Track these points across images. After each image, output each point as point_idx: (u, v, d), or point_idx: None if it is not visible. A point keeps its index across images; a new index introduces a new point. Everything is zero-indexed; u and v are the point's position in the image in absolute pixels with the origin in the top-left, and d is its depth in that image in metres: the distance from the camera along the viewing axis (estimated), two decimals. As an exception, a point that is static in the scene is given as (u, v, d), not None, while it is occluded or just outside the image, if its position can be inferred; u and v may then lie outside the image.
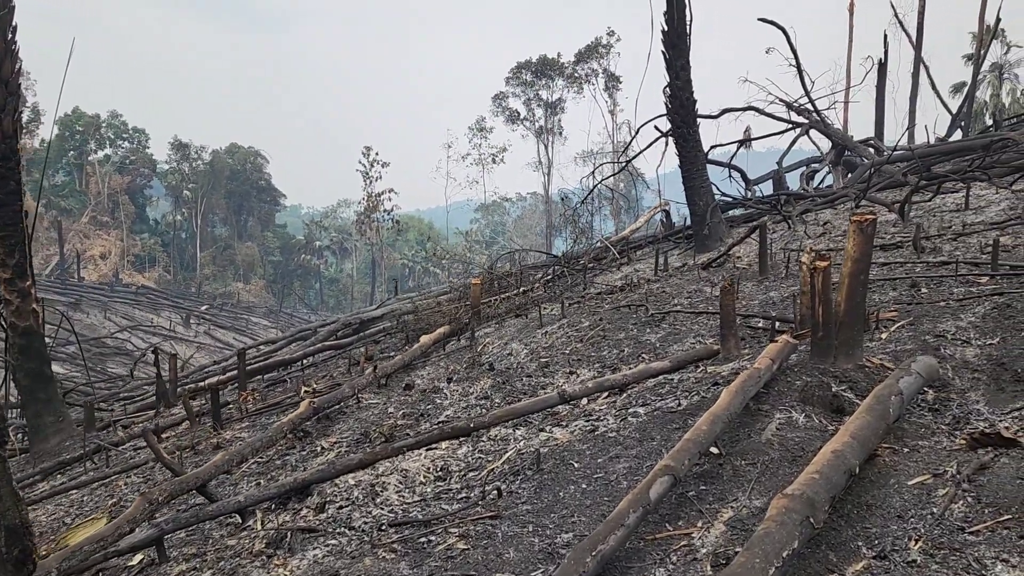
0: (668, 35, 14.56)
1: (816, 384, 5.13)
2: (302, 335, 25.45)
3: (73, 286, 51.49)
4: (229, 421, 9.83)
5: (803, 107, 17.82)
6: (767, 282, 10.27)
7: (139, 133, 79.88)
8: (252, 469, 6.75)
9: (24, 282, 10.40)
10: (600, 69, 55.98)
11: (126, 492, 7.16)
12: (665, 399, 5.86)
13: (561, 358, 8.59)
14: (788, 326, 7.51)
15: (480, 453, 5.64)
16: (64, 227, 69.75)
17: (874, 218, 5.51)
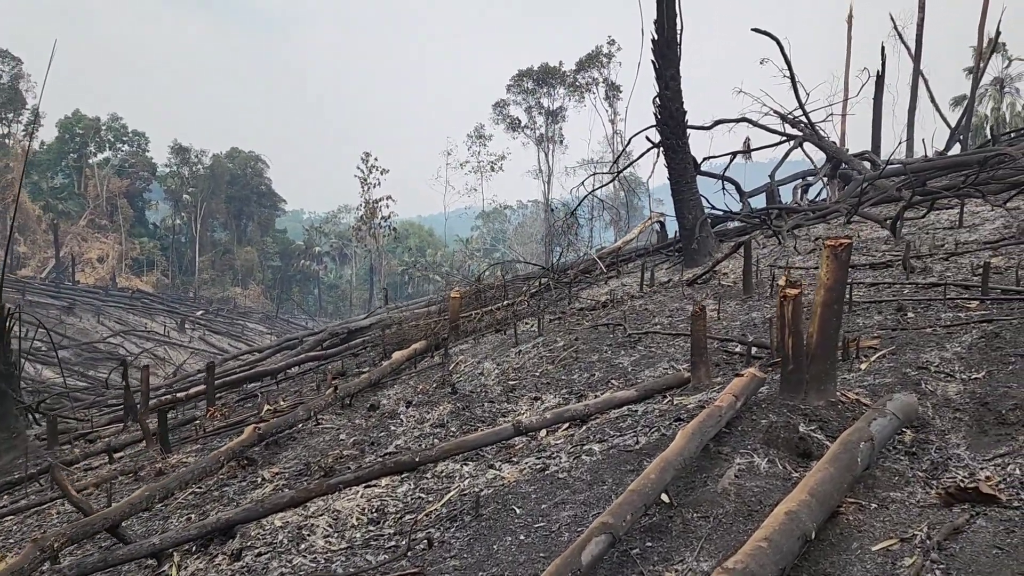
0: (658, 44, 14.17)
1: (782, 424, 4.70)
2: (289, 344, 25.03)
3: (67, 290, 51.13)
4: (186, 441, 9.42)
5: (797, 119, 17.41)
6: (751, 301, 9.85)
7: (139, 136, 79.71)
8: (188, 500, 6.33)
9: (-22, 293, 9.99)
10: (601, 78, 55.73)
11: (57, 522, 6.74)
12: (624, 435, 5.43)
13: (530, 381, 8.17)
14: (765, 351, 7.10)
15: (421, 492, 5.21)
16: (62, 230, 69.53)
17: (849, 243, 5.08)
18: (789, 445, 4.59)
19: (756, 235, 14.72)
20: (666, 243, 16.87)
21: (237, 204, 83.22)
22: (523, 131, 63.69)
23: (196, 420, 11.54)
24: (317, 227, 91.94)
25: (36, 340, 26.49)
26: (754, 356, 7.09)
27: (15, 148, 66.50)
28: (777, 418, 4.88)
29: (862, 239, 12.39)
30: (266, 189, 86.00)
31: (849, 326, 7.50)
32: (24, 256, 67.73)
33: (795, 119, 17.55)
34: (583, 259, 16.97)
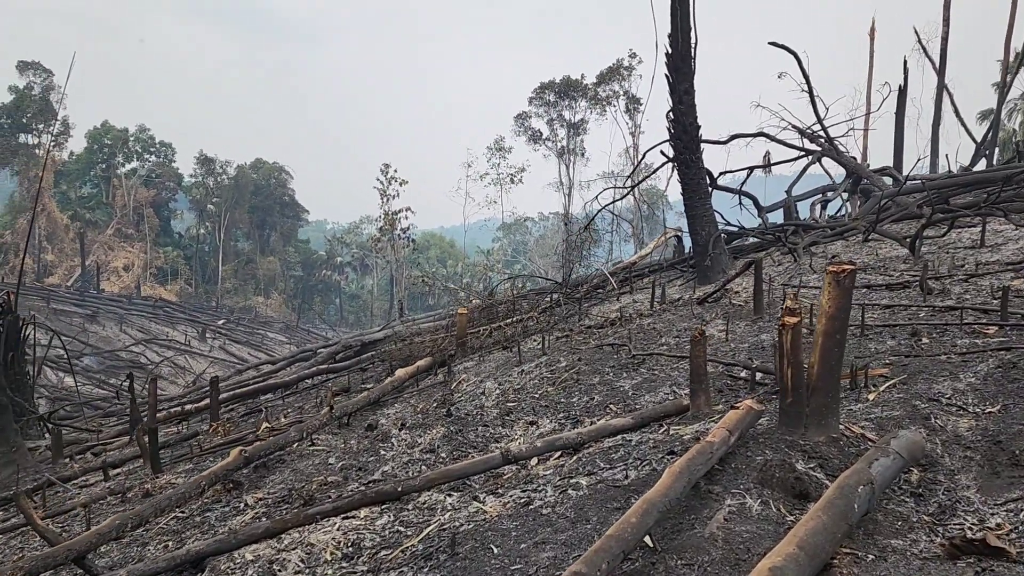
0: (672, 58, 13.96)
1: (777, 463, 4.41)
2: (303, 356, 24.98)
3: (91, 298, 51.63)
4: (182, 459, 9.28)
5: (816, 134, 17.06)
6: (761, 322, 9.55)
7: (166, 147, 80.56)
8: (170, 525, 6.15)
9: (-21, 306, 9.94)
10: (621, 91, 55.40)
11: (38, 545, 6.58)
12: (614, 468, 5.17)
13: (529, 404, 7.93)
14: (770, 378, 6.81)
15: (400, 525, 4.98)
16: (89, 239, 70.38)
17: (853, 269, 4.80)
18: (784, 485, 4.31)
19: (772, 252, 14.41)
20: (680, 259, 16.58)
21: (260, 214, 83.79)
22: (544, 143, 63.52)
23: (199, 435, 11.40)
24: (339, 237, 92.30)
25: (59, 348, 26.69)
26: (758, 382, 6.81)
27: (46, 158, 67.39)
28: (773, 455, 4.61)
29: (880, 257, 12.04)
30: (289, 199, 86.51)
31: (860, 351, 7.20)
32: (52, 264, 68.65)
33: (814, 134, 17.21)
34: (596, 274, 16.71)
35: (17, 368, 15.50)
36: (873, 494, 3.91)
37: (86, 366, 36.80)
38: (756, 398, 5.52)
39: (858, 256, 12.60)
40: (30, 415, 15.40)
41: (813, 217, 17.43)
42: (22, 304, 40.87)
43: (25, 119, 66.94)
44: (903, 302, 9.08)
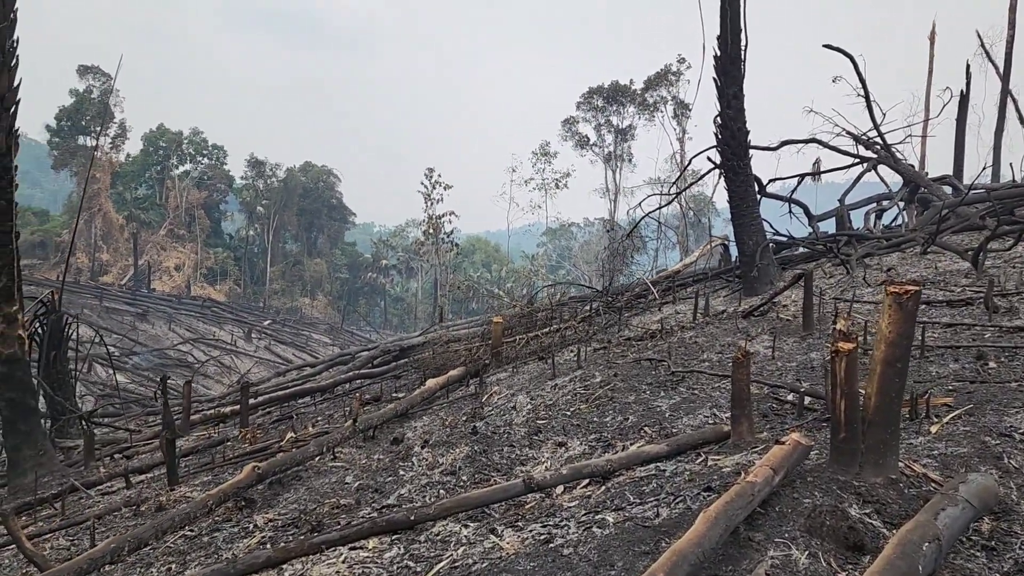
0: (720, 61, 13.42)
1: (828, 508, 3.92)
2: (342, 359, 24.89)
3: (142, 297, 52.61)
4: (204, 469, 9.05)
5: (872, 140, 16.29)
6: (811, 339, 8.97)
7: (218, 150, 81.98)
8: (177, 545, 5.87)
9: (10, 307, 9.90)
10: (669, 96, 54.59)
11: (51, 557, 6.36)
12: (645, 503, 4.72)
13: (559, 422, 7.50)
14: (820, 403, 6.28)
15: (410, 559, 4.60)
16: (143, 239, 71.94)
17: (917, 291, 4.28)
18: (836, 534, 3.81)
19: (823, 263, 13.74)
20: (726, 268, 15.96)
21: (308, 217, 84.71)
22: (591, 149, 62.97)
23: (228, 441, 11.21)
24: (385, 240, 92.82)
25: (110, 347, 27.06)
26: (807, 407, 6.28)
27: (103, 160, 69.11)
28: (823, 498, 4.11)
29: (939, 271, 11.33)
30: (337, 202, 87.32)
31: (920, 375, 6.62)
32: (106, 263, 70.29)
33: (869, 140, 16.44)
34: (637, 283, 16.19)
35: (60, 366, 15.58)
36: (940, 552, 3.40)
37: (135, 364, 37.36)
38: (804, 430, 5.01)
39: (916, 270, 11.90)
40: (70, 414, 15.44)
41: (867, 227, 16.63)
42: (76, 302, 41.86)
43: (84, 122, 68.72)
44: (966, 321, 8.43)
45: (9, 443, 10.13)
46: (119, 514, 7.39)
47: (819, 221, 16.86)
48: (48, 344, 14.88)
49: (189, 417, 14.42)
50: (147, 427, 16.69)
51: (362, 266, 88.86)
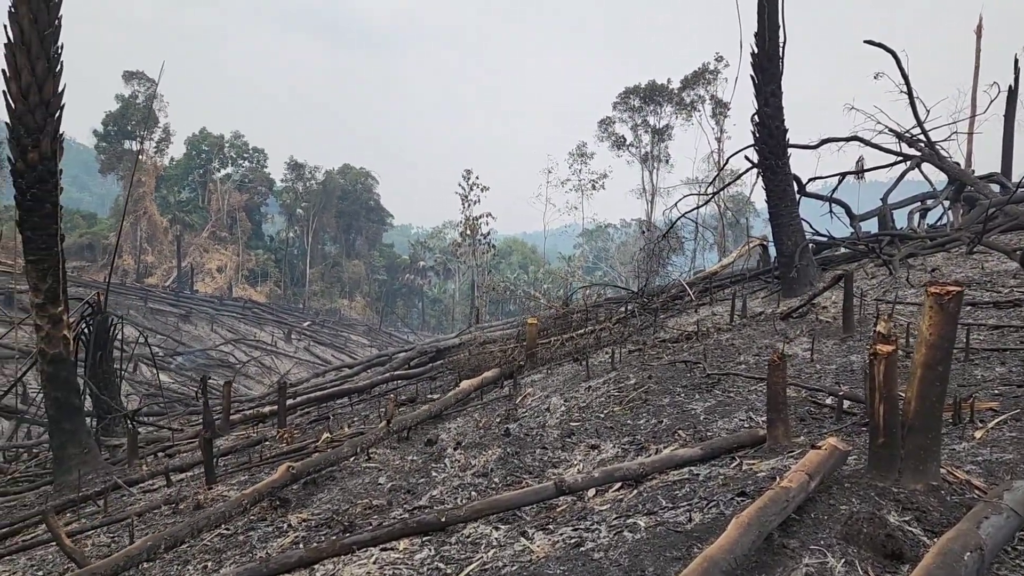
0: (758, 58, 13.23)
1: (866, 515, 3.82)
2: (379, 360, 25.08)
3: (185, 298, 53.56)
4: (241, 468, 9.17)
5: (915, 138, 15.92)
6: (851, 341, 8.79)
7: (258, 153, 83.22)
8: (214, 543, 5.95)
9: (55, 308, 10.14)
10: (707, 95, 54.01)
11: (91, 554, 6.50)
12: (677, 507, 4.66)
13: (593, 424, 7.45)
14: (860, 407, 6.14)
15: (441, 561, 4.59)
16: (186, 241, 73.36)
17: (959, 292, 4.16)
18: (874, 542, 3.72)
19: (865, 264, 13.47)
20: (764, 269, 15.74)
21: (347, 218, 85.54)
22: (628, 149, 62.58)
23: (266, 441, 11.35)
24: (422, 242, 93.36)
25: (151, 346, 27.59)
26: (846, 411, 6.15)
27: (148, 164, 70.61)
28: (861, 505, 4.01)
29: (986, 272, 11.03)
30: (375, 204, 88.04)
31: (964, 379, 6.45)
32: (151, 265, 71.79)
33: (913, 137, 16.06)
34: (674, 284, 16.04)
35: (106, 366, 15.93)
36: (982, 562, 3.29)
37: (179, 364, 38.05)
38: (842, 434, 4.90)
39: (961, 270, 11.60)
40: (115, 413, 15.77)
41: (911, 227, 16.27)
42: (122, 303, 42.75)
43: (129, 126, 70.28)
44: (1014, 322, 8.19)
45: (55, 441, 10.36)
46: (159, 512, 7.52)
47: (861, 221, 16.52)
48: (94, 344, 15.22)
49: (229, 417, 14.63)
50: (189, 426, 16.97)
51: (400, 267, 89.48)
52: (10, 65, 9.81)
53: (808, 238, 13.88)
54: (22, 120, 9.84)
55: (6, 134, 10.23)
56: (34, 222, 9.96)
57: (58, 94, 10.10)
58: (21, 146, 9.85)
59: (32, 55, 9.78)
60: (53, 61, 9.99)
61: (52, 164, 10.03)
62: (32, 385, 22.79)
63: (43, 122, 9.90)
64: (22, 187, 9.95)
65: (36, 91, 9.82)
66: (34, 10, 9.73)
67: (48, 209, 10.03)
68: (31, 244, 10.04)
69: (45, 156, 9.91)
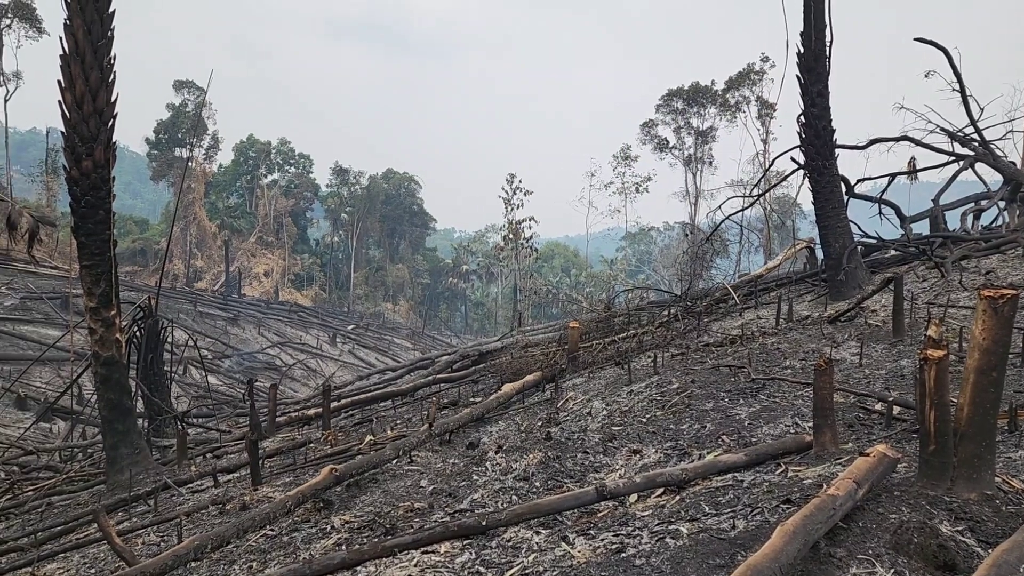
0: (804, 57, 13.02)
1: (917, 524, 3.72)
2: (422, 364, 25.22)
3: (233, 302, 54.48)
4: (286, 470, 9.30)
5: (968, 137, 15.50)
6: (901, 345, 8.58)
7: (304, 159, 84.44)
8: (259, 544, 6.03)
9: (109, 312, 10.39)
10: (752, 96, 53.28)
11: (141, 552, 6.65)
12: (720, 514, 4.59)
13: (635, 428, 7.39)
14: (910, 413, 5.99)
15: (481, 565, 4.59)
16: (234, 246, 74.76)
17: (1014, 295, 4.03)
18: (925, 553, 3.61)
19: (916, 266, 13.15)
20: (811, 272, 15.46)
21: (390, 223, 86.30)
22: (671, 152, 62.07)
23: (311, 443, 11.48)
24: (465, 246, 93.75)
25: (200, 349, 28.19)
26: (896, 417, 6.00)
27: (198, 170, 72.20)
28: (911, 514, 3.90)
29: (1045, 275, 10.68)
30: (418, 208, 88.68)
31: (1020, 385, 6.24)
32: (200, 270, 73.35)
33: (966, 137, 15.64)
34: (717, 287, 15.84)
35: (156, 369, 16.29)
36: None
37: (227, 367, 38.74)
38: (891, 441, 4.78)
39: (1017, 272, 11.25)
40: (166, 414, 16.11)
41: (964, 228, 15.83)
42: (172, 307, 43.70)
43: (180, 134, 71.96)
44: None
45: (108, 442, 10.62)
46: (206, 512, 7.66)
47: (912, 222, 16.13)
48: (146, 347, 15.58)
49: (275, 419, 14.84)
50: (237, 428, 17.26)
51: (443, 271, 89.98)
52: (65, 76, 10.10)
53: (856, 240, 13.60)
54: (76, 129, 10.12)
55: (62, 142, 10.52)
56: (88, 228, 10.22)
57: (111, 103, 10.36)
58: (76, 154, 10.13)
59: (86, 66, 10.05)
60: (106, 71, 10.26)
61: (105, 172, 10.29)
62: (87, 387, 23.50)
63: (96, 131, 10.16)
64: (77, 194, 10.22)
65: (90, 101, 10.09)
66: (88, 22, 10.01)
67: (101, 215, 10.30)
68: (85, 249, 10.31)
69: (99, 164, 10.17)
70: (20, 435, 19.32)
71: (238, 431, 16.08)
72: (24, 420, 22.17)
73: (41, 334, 30.89)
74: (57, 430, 22.80)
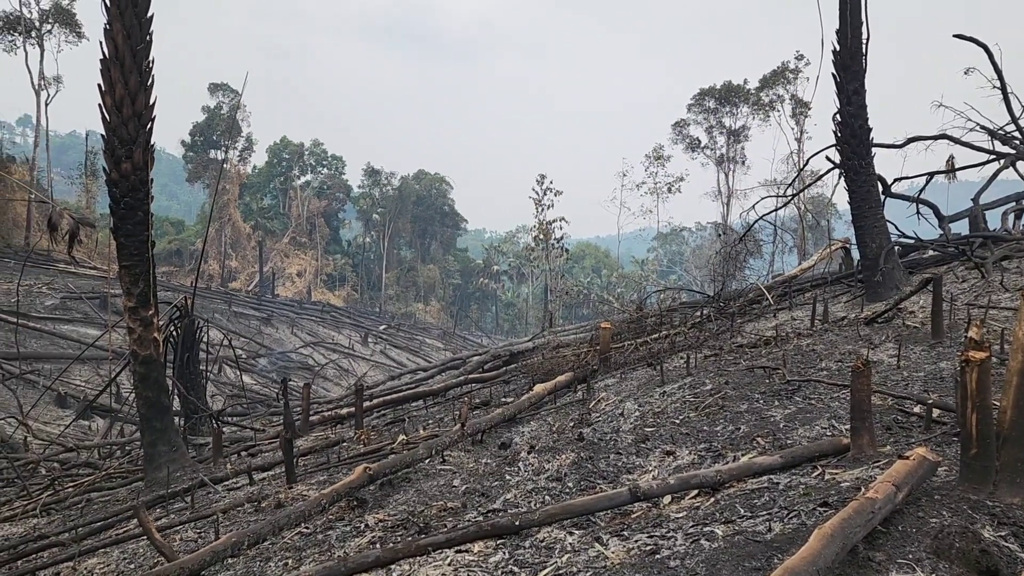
0: (840, 55, 12.84)
1: (958, 529, 3.66)
2: (453, 364, 25.32)
3: (267, 302, 55.09)
4: (319, 468, 9.39)
5: (1009, 135, 15.18)
6: (940, 347, 8.43)
7: (337, 160, 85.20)
8: (294, 541, 6.10)
9: (147, 311, 10.58)
10: (787, 95, 52.74)
11: (179, 548, 6.75)
12: (756, 516, 4.55)
13: (668, 430, 7.35)
14: (950, 416, 5.88)
15: (515, 565, 4.60)
16: (267, 247, 75.65)
17: (1059, 295, 3.94)
18: (966, 558, 3.55)
19: (955, 267, 12.91)
20: (846, 273, 15.25)
21: (422, 223, 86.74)
22: (703, 151, 61.65)
23: (344, 442, 11.58)
24: (496, 246, 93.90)
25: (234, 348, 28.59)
26: (935, 420, 5.90)
27: (232, 172, 73.21)
28: (952, 519, 3.84)
29: (1090, 275, 10.43)
30: (449, 209, 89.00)
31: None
32: (235, 270, 74.38)
33: (1007, 135, 15.32)
34: (751, 288, 15.69)
35: (192, 368, 16.53)
36: (1086, 582, 3.11)
37: (261, 367, 39.19)
38: (931, 445, 4.71)
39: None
40: (201, 413, 16.35)
41: (1005, 228, 15.50)
42: (207, 307, 44.31)
43: (215, 136, 73.03)
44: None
45: (146, 439, 10.81)
46: (242, 509, 7.76)
47: (951, 222, 15.83)
48: (182, 346, 15.82)
49: (308, 418, 14.99)
50: (271, 426, 17.45)
51: (474, 272, 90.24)
52: (105, 80, 10.30)
53: (893, 240, 13.39)
54: (116, 132, 10.31)
55: (101, 145, 10.72)
56: (127, 229, 10.42)
57: (149, 107, 10.54)
58: (115, 157, 10.33)
59: (125, 70, 10.24)
60: (145, 75, 10.45)
61: (144, 174, 10.48)
62: (125, 385, 23.94)
63: (136, 134, 10.35)
64: (116, 196, 10.42)
65: (129, 104, 10.28)
66: (127, 26, 10.20)
67: (140, 217, 10.49)
68: (124, 250, 10.51)
69: (138, 166, 10.37)
70: (60, 432, 19.74)
71: (272, 430, 16.26)
72: (64, 417, 22.64)
73: (80, 333, 31.51)
74: (96, 427, 23.25)
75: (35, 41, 50.19)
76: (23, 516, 10.79)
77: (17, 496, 12.64)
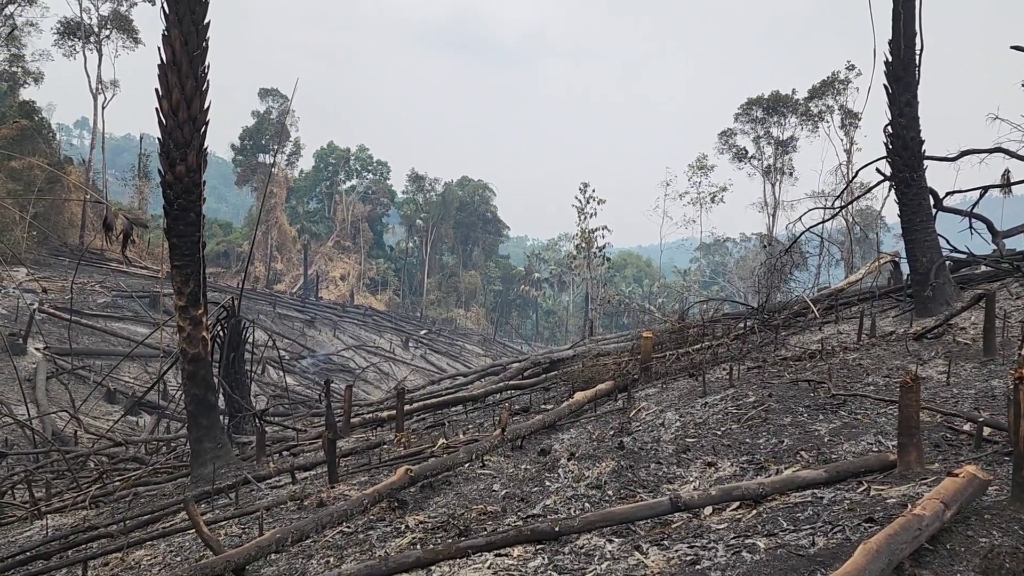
0: (892, 66, 12.66)
1: (1008, 550, 3.58)
2: (494, 370, 25.40)
3: (311, 305, 55.83)
4: (361, 469, 9.50)
5: (1069, 148, 14.77)
6: (993, 365, 8.23)
7: (382, 166, 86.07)
8: (335, 540, 6.20)
9: (197, 310, 10.82)
10: (836, 105, 51.86)
11: (224, 543, 6.89)
12: (799, 530, 4.50)
13: (709, 441, 7.30)
14: (1002, 435, 5.75)
15: (554, 570, 4.62)
16: (312, 250, 76.70)
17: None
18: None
19: (1009, 283, 12.59)
20: (895, 287, 14.96)
21: (464, 229, 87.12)
22: (749, 162, 60.93)
23: (384, 444, 11.70)
24: (537, 254, 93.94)
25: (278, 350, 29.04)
26: (986, 439, 5.77)
27: (280, 176, 74.45)
28: (1003, 538, 3.76)
29: None
30: (491, 216, 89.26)
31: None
32: (280, 272, 75.50)
33: (1066, 148, 14.91)
34: (796, 301, 15.48)
35: (237, 367, 16.83)
36: None
37: (303, 368, 39.73)
38: (982, 463, 4.61)
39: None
40: (246, 412, 16.63)
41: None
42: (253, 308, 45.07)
43: (264, 141, 74.37)
44: None
45: (192, 436, 11.04)
46: (285, 507, 7.90)
47: (1005, 237, 15.44)
48: (228, 346, 16.12)
49: (349, 420, 15.17)
50: (312, 427, 17.69)
51: (515, 279, 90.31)
52: (162, 84, 10.59)
53: (945, 255, 13.11)
54: (172, 135, 10.59)
55: (155, 148, 11.01)
56: (180, 230, 10.69)
57: (204, 111, 10.81)
58: (170, 159, 10.60)
59: (182, 75, 10.52)
60: (200, 80, 10.72)
61: (197, 176, 10.74)
62: (172, 383, 24.47)
63: (190, 137, 10.62)
64: (170, 197, 10.70)
65: (185, 108, 10.55)
66: (185, 33, 10.48)
67: (192, 218, 10.75)
68: (176, 250, 10.77)
69: (191, 169, 10.63)
70: (109, 427, 20.26)
71: (313, 430, 16.48)
72: (113, 413, 23.24)
73: (130, 331, 32.30)
74: (143, 423, 23.82)
75: (93, 46, 51.77)
76: (73, 508, 11.11)
77: (67, 488, 13.02)
